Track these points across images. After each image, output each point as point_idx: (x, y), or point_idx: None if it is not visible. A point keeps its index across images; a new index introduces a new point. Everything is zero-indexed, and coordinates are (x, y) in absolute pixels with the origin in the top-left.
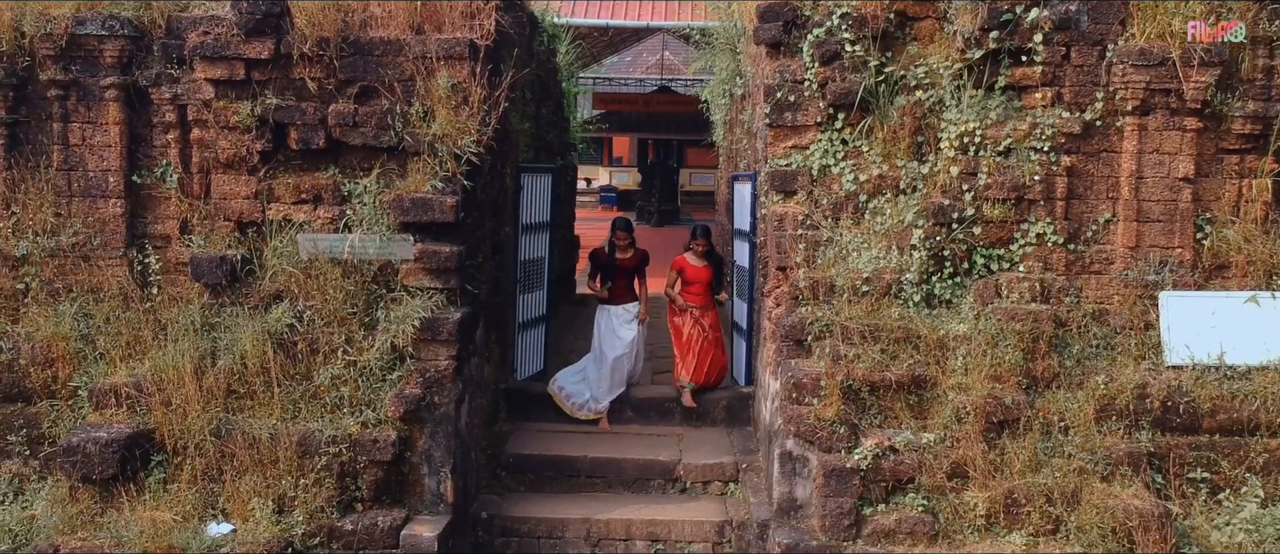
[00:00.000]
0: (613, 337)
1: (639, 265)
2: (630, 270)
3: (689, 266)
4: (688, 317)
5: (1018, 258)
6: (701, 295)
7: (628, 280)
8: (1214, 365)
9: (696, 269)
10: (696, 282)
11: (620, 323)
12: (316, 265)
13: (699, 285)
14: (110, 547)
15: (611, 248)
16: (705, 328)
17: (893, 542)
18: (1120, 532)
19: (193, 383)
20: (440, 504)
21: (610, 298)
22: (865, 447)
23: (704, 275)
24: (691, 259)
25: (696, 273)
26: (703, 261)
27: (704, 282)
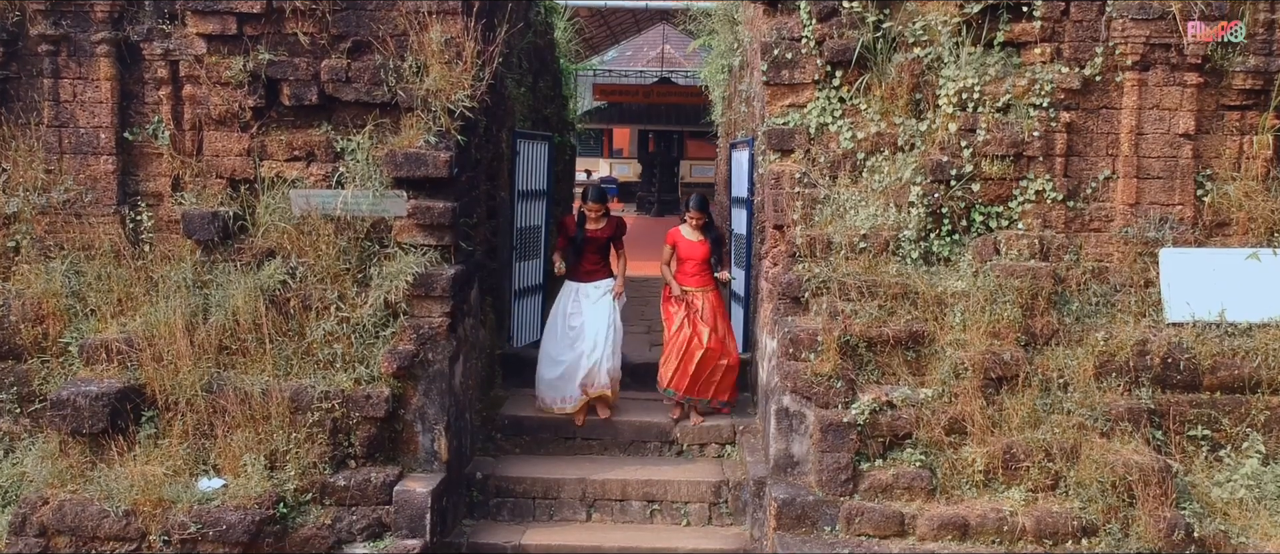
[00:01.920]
0: (579, 317)
1: (613, 235)
2: (603, 243)
3: (682, 241)
4: (681, 305)
5: (1017, 215)
6: (698, 274)
7: (600, 255)
8: (1215, 322)
9: (691, 244)
10: (691, 258)
11: (589, 301)
12: (309, 222)
13: (694, 262)
14: (100, 499)
15: (581, 219)
16: (702, 318)
17: (890, 497)
18: (1120, 486)
19: (184, 339)
20: (434, 462)
21: (578, 274)
22: (863, 402)
23: (700, 251)
24: (686, 232)
25: (691, 249)
26: (699, 235)
27: (700, 258)
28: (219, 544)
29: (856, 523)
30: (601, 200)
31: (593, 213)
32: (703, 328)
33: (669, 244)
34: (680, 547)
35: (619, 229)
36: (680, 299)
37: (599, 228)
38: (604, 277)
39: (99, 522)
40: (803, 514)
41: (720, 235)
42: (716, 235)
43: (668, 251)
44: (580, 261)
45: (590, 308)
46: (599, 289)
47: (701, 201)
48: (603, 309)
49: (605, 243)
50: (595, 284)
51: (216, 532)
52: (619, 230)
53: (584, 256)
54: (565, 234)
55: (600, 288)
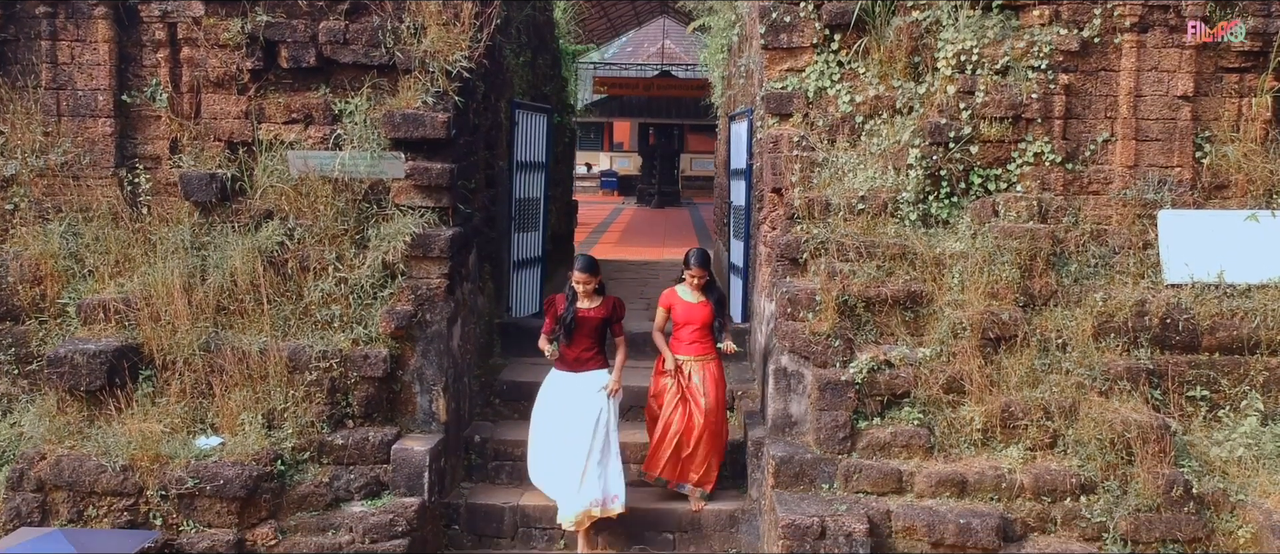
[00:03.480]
0: (566, 415)
1: (608, 318)
2: (596, 325)
3: (679, 303)
4: (673, 383)
5: (1015, 177)
6: (698, 341)
7: (594, 341)
8: (1213, 283)
9: (690, 306)
10: (690, 323)
11: (578, 400)
12: (307, 183)
13: (693, 327)
14: (97, 455)
15: (572, 296)
16: (702, 393)
17: (888, 454)
18: (1119, 444)
19: (182, 299)
20: (432, 422)
21: (567, 362)
22: (861, 360)
23: (700, 314)
24: (684, 292)
25: (690, 312)
26: (699, 296)
27: (700, 323)
28: (216, 499)
29: (854, 480)
30: (592, 271)
31: (583, 285)
32: (696, 408)
33: (663, 307)
34: (680, 507)
35: (616, 310)
36: (674, 372)
37: (592, 308)
38: (597, 366)
39: (96, 476)
40: (801, 472)
41: (723, 297)
42: (719, 297)
43: (661, 316)
44: (570, 347)
45: (579, 410)
46: (591, 385)
47: (702, 257)
48: (593, 412)
49: (600, 325)
50: (586, 376)
51: (214, 486)
52: (616, 312)
53: (574, 341)
54: (553, 313)
55: (592, 383)
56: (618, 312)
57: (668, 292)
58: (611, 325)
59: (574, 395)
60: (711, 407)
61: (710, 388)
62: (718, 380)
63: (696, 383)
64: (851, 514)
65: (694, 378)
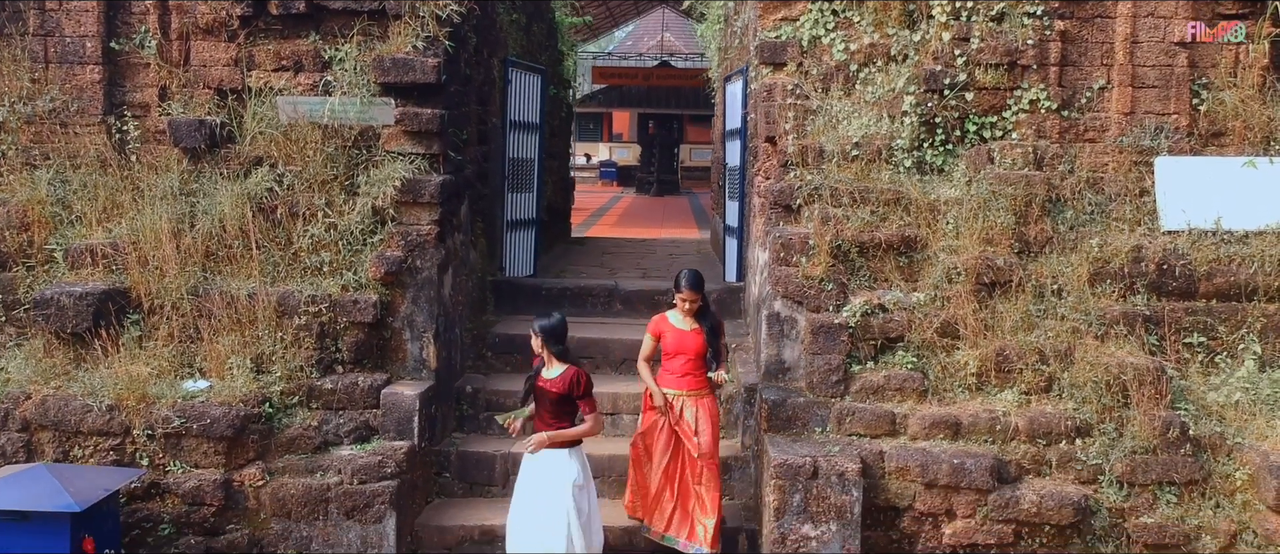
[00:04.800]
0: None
1: (567, 393)
2: (555, 400)
3: (670, 330)
4: (663, 422)
5: (1011, 125)
6: (691, 374)
7: (555, 415)
8: (1210, 230)
9: (681, 334)
10: (681, 353)
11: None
12: (296, 129)
13: (686, 358)
14: (83, 395)
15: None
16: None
17: (881, 398)
18: (1115, 387)
19: (170, 244)
20: (423, 369)
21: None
22: (854, 304)
23: (693, 344)
24: (675, 319)
25: (681, 341)
26: (692, 323)
27: (693, 353)
28: (203, 439)
29: (847, 423)
30: (550, 335)
31: (539, 349)
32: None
33: (651, 335)
34: None
35: (573, 387)
36: (661, 411)
37: (551, 378)
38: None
39: (82, 416)
40: (793, 415)
41: (718, 324)
42: (714, 324)
43: (649, 344)
44: (535, 419)
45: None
46: (552, 465)
47: (694, 278)
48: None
49: (559, 400)
50: (554, 453)
51: (201, 426)
52: (574, 389)
53: (537, 413)
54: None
55: (554, 464)
56: (576, 388)
57: (657, 318)
58: (575, 400)
59: (539, 475)
60: (707, 450)
61: (706, 427)
62: (714, 418)
63: (689, 420)
64: (844, 455)
65: (686, 415)
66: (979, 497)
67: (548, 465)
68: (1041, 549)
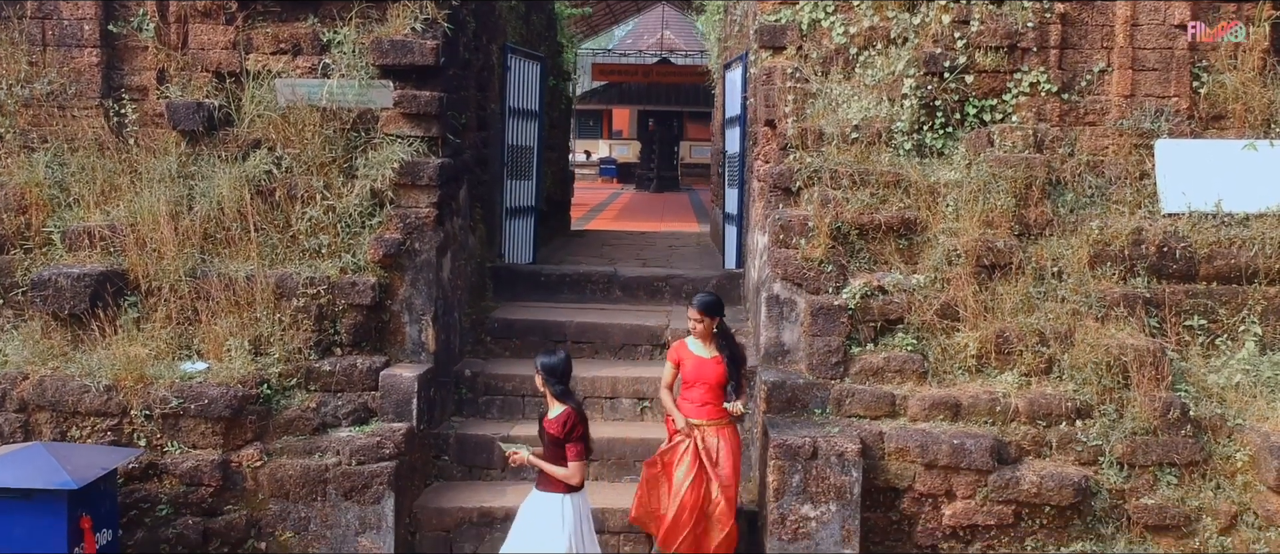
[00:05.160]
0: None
1: (564, 437)
2: (552, 441)
3: (688, 356)
4: (687, 445)
5: (1011, 107)
6: (711, 404)
7: (551, 457)
8: (1211, 213)
9: (700, 362)
10: (700, 382)
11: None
12: (295, 112)
13: (705, 388)
14: (81, 376)
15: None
16: (711, 469)
17: (881, 380)
18: (1115, 368)
19: (169, 226)
20: (422, 352)
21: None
22: (854, 286)
23: (713, 373)
24: (694, 346)
25: (700, 369)
26: (711, 350)
27: (713, 383)
28: (201, 420)
29: (847, 404)
30: (552, 372)
31: (541, 387)
32: (714, 481)
33: (671, 362)
34: None
35: (570, 432)
36: (686, 434)
37: (551, 420)
38: (555, 488)
39: (80, 397)
40: (793, 397)
41: (739, 353)
42: (733, 353)
43: (669, 372)
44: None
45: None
46: (548, 506)
47: (708, 302)
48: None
49: (557, 442)
50: (545, 496)
51: (198, 406)
52: (570, 433)
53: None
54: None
55: (546, 509)
56: (567, 430)
57: (677, 345)
58: (567, 444)
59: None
60: (726, 480)
61: (726, 457)
62: (735, 450)
63: (714, 447)
64: (844, 436)
65: (709, 442)
66: (979, 477)
67: (541, 510)
68: (1041, 531)
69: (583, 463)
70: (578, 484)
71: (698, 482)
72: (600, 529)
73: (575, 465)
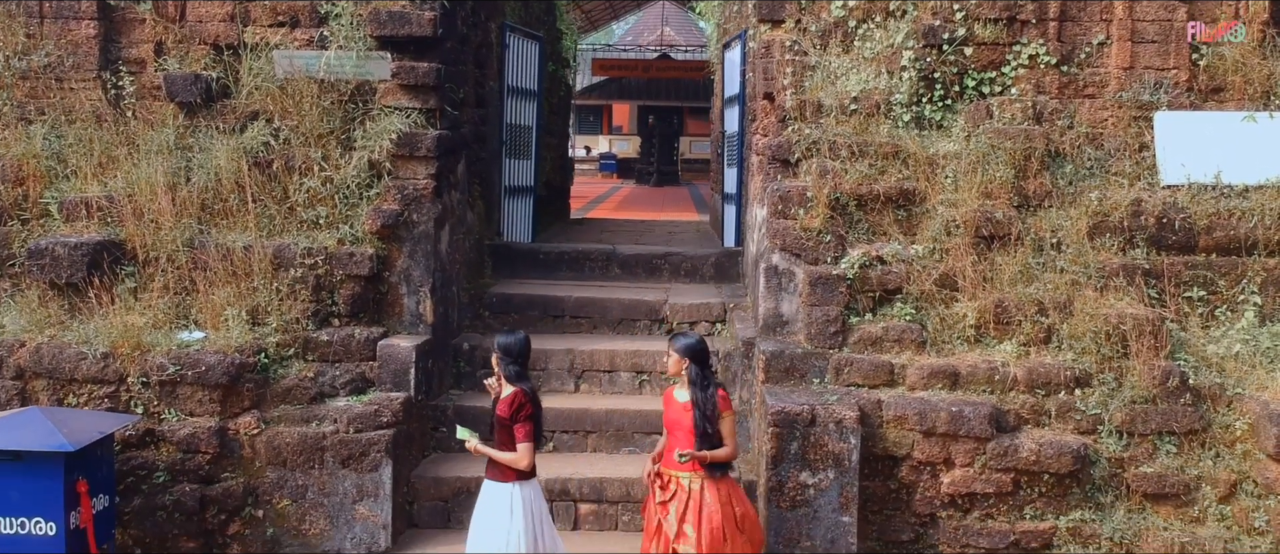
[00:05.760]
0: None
1: (510, 419)
2: (500, 424)
3: (671, 403)
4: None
5: (1010, 80)
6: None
7: (501, 443)
8: (1210, 185)
9: (678, 407)
10: (678, 427)
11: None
12: (293, 84)
13: (683, 432)
14: (78, 343)
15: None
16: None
17: (879, 349)
18: (1114, 337)
19: (166, 197)
20: (420, 324)
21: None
22: (852, 256)
23: (689, 419)
24: (678, 392)
25: (677, 416)
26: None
27: (687, 431)
28: (198, 387)
29: (845, 373)
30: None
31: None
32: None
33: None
34: None
35: (517, 412)
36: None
37: (501, 402)
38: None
39: (77, 363)
40: (791, 366)
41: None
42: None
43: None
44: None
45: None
46: (496, 497)
47: (690, 346)
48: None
49: (505, 425)
50: (494, 487)
51: (195, 373)
52: (517, 414)
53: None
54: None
55: (498, 496)
56: (514, 410)
57: (667, 390)
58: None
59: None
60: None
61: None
62: (723, 501)
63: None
64: (842, 404)
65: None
66: (977, 445)
67: (490, 501)
68: (1040, 499)
69: (531, 445)
70: (526, 469)
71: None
72: (598, 498)
73: (524, 447)
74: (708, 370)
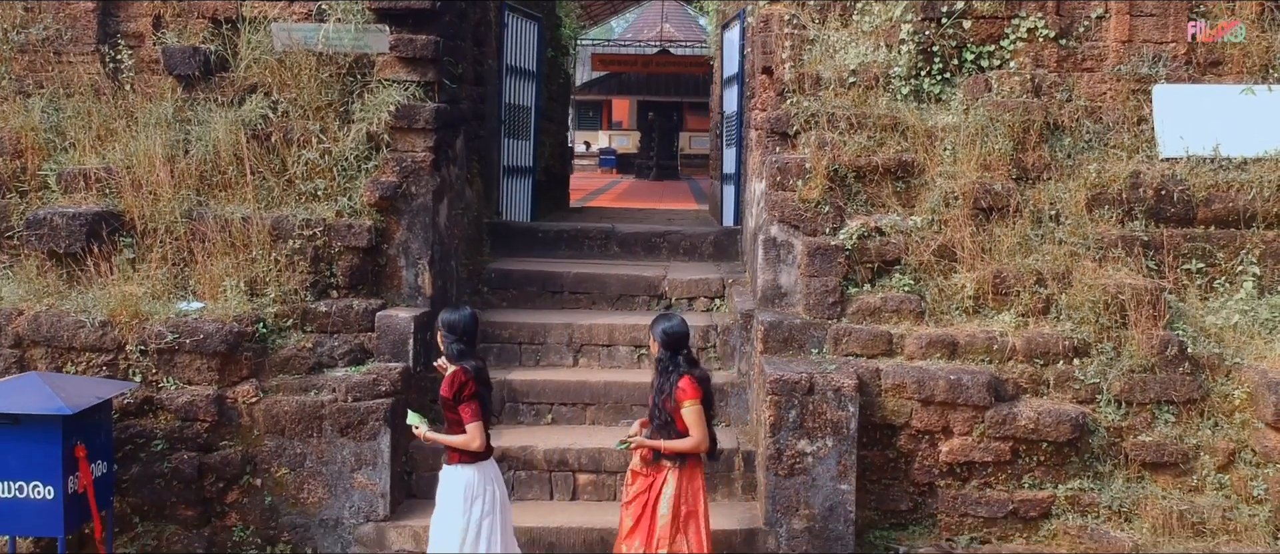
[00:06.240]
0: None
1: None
2: (447, 406)
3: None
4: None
5: (1008, 53)
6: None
7: (452, 422)
8: (1209, 157)
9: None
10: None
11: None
12: (291, 57)
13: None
14: (76, 312)
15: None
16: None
17: (878, 320)
18: (1112, 307)
19: (164, 169)
20: (418, 296)
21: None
22: (851, 227)
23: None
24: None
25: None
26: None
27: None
28: (196, 355)
29: (844, 343)
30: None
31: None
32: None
33: None
34: None
35: (459, 391)
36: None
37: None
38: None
39: (75, 332)
40: (789, 337)
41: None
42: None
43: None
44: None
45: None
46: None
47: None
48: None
49: (450, 405)
50: (449, 470)
51: (194, 341)
52: (459, 393)
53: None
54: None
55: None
56: (455, 389)
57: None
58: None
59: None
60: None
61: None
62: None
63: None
64: (841, 372)
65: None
66: (976, 414)
67: (447, 486)
68: (1039, 468)
69: (481, 424)
70: (479, 449)
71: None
72: (597, 469)
73: (473, 428)
74: (678, 356)
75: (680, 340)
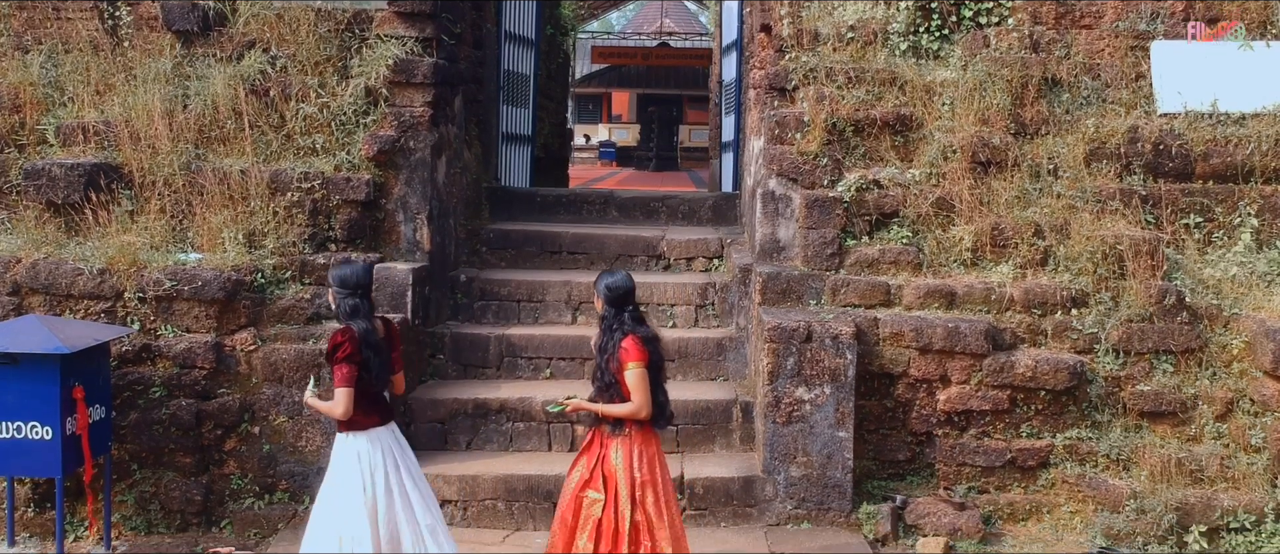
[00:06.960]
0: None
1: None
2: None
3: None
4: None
5: (1007, 11)
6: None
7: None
8: (1207, 112)
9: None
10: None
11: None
12: (289, 12)
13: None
14: (75, 260)
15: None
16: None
17: (876, 271)
18: (1111, 257)
19: (163, 123)
20: (417, 251)
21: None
22: (849, 180)
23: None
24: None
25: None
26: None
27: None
28: (194, 302)
29: (842, 294)
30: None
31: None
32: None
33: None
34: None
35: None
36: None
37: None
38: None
39: (73, 279)
40: (788, 288)
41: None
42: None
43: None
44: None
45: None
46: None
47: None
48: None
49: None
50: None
51: (192, 289)
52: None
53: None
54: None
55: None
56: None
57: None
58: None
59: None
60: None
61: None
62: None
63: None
64: (839, 320)
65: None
66: (973, 362)
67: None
68: (1037, 416)
69: (350, 390)
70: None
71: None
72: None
73: (340, 393)
74: (623, 313)
75: (625, 296)
